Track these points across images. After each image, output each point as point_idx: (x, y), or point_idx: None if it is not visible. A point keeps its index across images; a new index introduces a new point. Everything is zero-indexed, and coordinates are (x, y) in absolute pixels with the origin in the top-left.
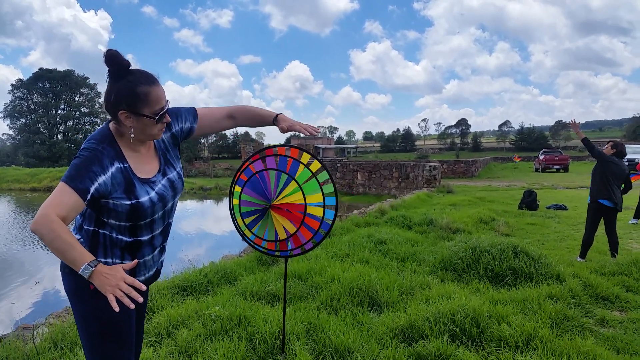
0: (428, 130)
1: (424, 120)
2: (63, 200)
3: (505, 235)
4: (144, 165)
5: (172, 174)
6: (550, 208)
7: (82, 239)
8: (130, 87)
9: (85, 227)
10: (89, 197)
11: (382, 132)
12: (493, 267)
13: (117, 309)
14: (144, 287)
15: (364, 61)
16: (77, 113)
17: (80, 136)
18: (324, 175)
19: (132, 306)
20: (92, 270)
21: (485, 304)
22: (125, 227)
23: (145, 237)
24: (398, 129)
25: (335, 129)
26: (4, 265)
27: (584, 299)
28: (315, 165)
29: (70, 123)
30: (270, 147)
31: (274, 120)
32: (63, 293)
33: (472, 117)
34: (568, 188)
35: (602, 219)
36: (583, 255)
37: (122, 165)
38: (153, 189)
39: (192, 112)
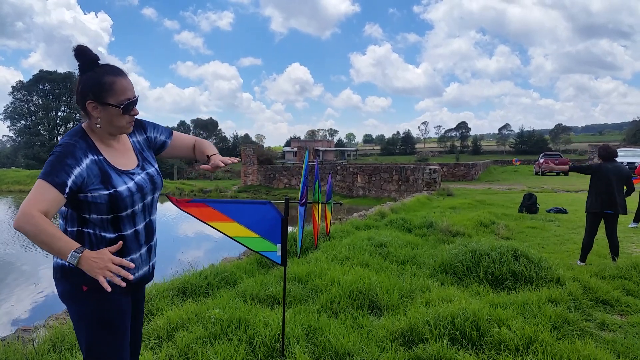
0: (428, 133)
1: (424, 123)
2: (42, 196)
3: (505, 239)
4: (120, 158)
5: (151, 170)
6: (551, 211)
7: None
8: (97, 77)
9: (69, 229)
10: (67, 190)
11: (382, 135)
12: (493, 270)
13: (108, 289)
14: (132, 265)
15: (364, 64)
16: (77, 115)
17: None
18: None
19: (123, 284)
20: (79, 256)
21: (486, 307)
22: (108, 221)
23: (129, 232)
24: (398, 132)
25: (335, 131)
26: (3, 267)
27: (584, 302)
28: None
29: (70, 125)
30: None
31: (208, 157)
32: None
33: (472, 120)
34: (568, 191)
35: (602, 222)
36: (583, 258)
37: (96, 157)
38: (132, 180)
39: (169, 130)
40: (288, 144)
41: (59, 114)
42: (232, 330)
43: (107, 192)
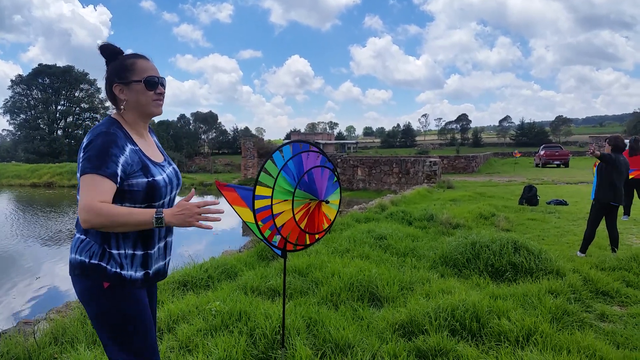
0: (428, 125)
1: (424, 115)
2: (98, 188)
3: (506, 231)
4: (151, 150)
5: (174, 166)
6: (551, 203)
7: (91, 239)
8: (119, 61)
9: None
10: (118, 179)
11: (382, 128)
12: (493, 262)
13: (211, 228)
14: (217, 202)
15: (364, 56)
16: (77, 109)
17: (80, 132)
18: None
19: (212, 227)
20: (162, 217)
21: (485, 299)
22: None
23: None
24: (398, 125)
25: (336, 124)
26: (4, 260)
27: (584, 294)
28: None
29: (70, 119)
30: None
31: None
32: (64, 288)
33: (472, 112)
34: (568, 183)
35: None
36: (584, 250)
37: (134, 147)
38: (165, 172)
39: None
40: (288, 137)
41: (59, 107)
42: (233, 322)
43: (146, 179)
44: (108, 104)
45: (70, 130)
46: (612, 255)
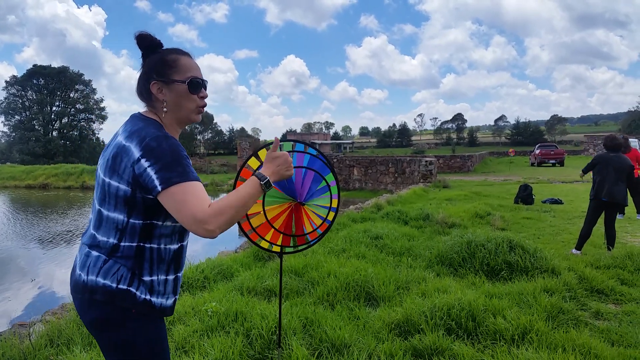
0: (424, 125)
1: (420, 115)
2: (199, 194)
3: (501, 230)
4: None
5: None
6: (546, 202)
7: (118, 262)
8: (159, 56)
9: (126, 244)
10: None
11: (378, 128)
12: (489, 261)
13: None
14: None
15: (360, 56)
16: (72, 110)
17: (75, 133)
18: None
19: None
20: (266, 177)
21: (481, 297)
22: (178, 229)
23: (186, 241)
24: (394, 124)
25: (332, 124)
26: (0, 262)
27: (579, 292)
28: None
29: (65, 120)
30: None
31: None
32: (59, 290)
33: (468, 111)
34: (564, 182)
35: (603, 213)
36: (579, 247)
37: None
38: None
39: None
40: (284, 137)
41: (54, 108)
42: (229, 323)
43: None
44: (104, 104)
45: (65, 131)
46: (607, 254)
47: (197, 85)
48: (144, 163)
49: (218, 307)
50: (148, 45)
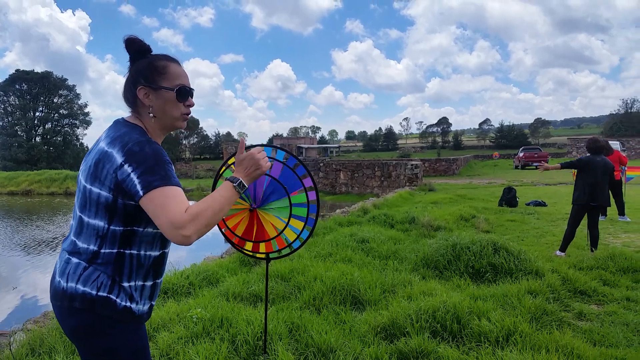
0: (410, 129)
1: (405, 119)
2: (178, 199)
3: (486, 232)
4: None
5: None
6: (530, 204)
7: (99, 269)
8: (148, 61)
9: (105, 250)
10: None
11: (364, 132)
12: (473, 263)
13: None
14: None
15: (346, 60)
16: (56, 115)
17: (59, 138)
18: (301, 170)
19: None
20: (240, 180)
21: (466, 300)
22: (160, 236)
23: (167, 249)
24: (380, 128)
25: (318, 128)
26: None
27: (563, 293)
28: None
29: (48, 125)
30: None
31: None
32: (42, 298)
33: (453, 115)
34: (547, 184)
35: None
36: (563, 249)
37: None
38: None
39: None
40: (271, 141)
41: (37, 114)
42: (215, 329)
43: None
44: (88, 109)
45: (48, 136)
46: (590, 255)
47: (185, 94)
48: (127, 168)
49: (203, 313)
50: (137, 49)
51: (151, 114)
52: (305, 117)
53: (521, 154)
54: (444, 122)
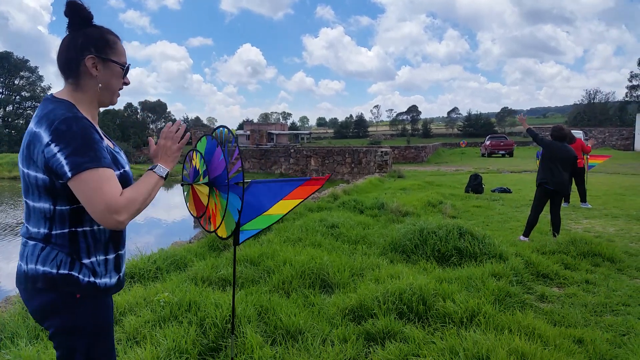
0: (380, 116)
1: (376, 106)
2: (112, 182)
3: (452, 218)
4: (104, 137)
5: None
6: (495, 191)
7: (55, 248)
8: (100, 32)
9: (58, 231)
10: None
11: (335, 119)
12: (440, 247)
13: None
14: (170, 123)
15: (317, 47)
16: (17, 97)
17: (21, 121)
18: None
19: (185, 134)
20: (161, 167)
21: (432, 282)
22: None
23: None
24: (351, 115)
25: (289, 114)
26: None
27: (526, 276)
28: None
29: (10, 108)
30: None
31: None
32: (5, 284)
33: (422, 103)
34: (513, 172)
35: (549, 201)
36: (527, 234)
37: (99, 134)
38: (124, 159)
39: None
40: (241, 127)
41: None
42: (182, 313)
43: (118, 172)
44: (51, 92)
45: (10, 119)
46: (553, 240)
47: (127, 72)
48: (54, 148)
49: (171, 297)
50: (85, 15)
51: (100, 85)
52: (276, 103)
53: (488, 142)
54: (413, 110)
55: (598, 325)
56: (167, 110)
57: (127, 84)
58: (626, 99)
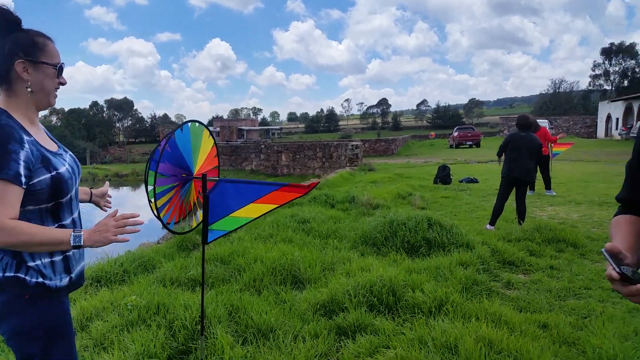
0: (351, 110)
1: (347, 100)
2: (5, 199)
3: (421, 209)
4: (44, 139)
5: (71, 153)
6: (463, 181)
7: (0, 252)
8: (28, 36)
9: None
10: (23, 179)
11: (306, 113)
12: (409, 238)
13: (127, 240)
14: (137, 214)
15: (287, 40)
16: None
17: None
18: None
19: (137, 229)
20: (81, 235)
21: (401, 273)
22: (47, 211)
23: (68, 220)
24: (322, 110)
25: (260, 110)
26: None
27: (492, 264)
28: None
29: None
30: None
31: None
32: None
33: (392, 96)
34: (480, 162)
35: (514, 189)
36: (493, 222)
37: (30, 138)
38: (65, 161)
39: None
40: (210, 123)
41: None
42: (151, 316)
43: (49, 174)
44: None
45: None
46: (518, 227)
47: (61, 71)
48: None
49: (138, 300)
50: (11, 19)
51: (29, 89)
52: (246, 99)
53: (456, 134)
54: (383, 103)
55: (562, 310)
56: (134, 107)
57: (63, 83)
58: (589, 87)
